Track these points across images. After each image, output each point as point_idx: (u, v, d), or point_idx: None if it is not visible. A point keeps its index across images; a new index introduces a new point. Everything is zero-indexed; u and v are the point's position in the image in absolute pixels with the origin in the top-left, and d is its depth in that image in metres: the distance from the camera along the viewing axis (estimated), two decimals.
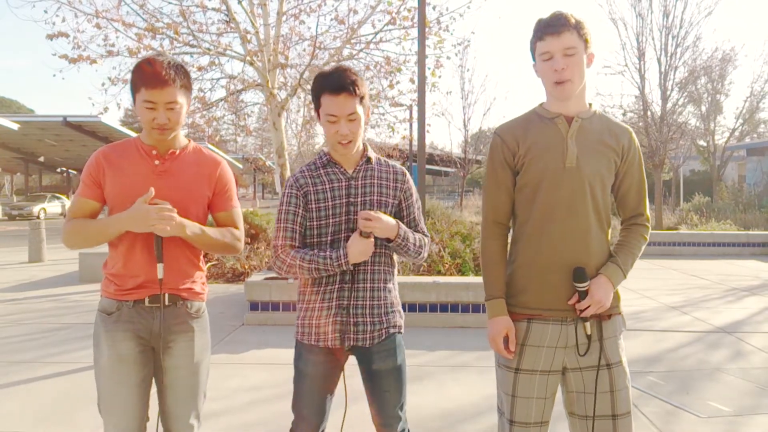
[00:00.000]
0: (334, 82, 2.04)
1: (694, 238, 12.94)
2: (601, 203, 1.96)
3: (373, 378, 2.15)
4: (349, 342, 2.11)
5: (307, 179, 2.14)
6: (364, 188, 2.14)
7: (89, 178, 2.09)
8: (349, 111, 2.05)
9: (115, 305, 2.09)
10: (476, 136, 25.82)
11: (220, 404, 3.82)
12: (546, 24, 1.91)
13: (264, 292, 6.10)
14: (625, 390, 1.96)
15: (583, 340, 1.94)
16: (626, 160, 2.00)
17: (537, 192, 1.96)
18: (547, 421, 2.00)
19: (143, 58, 2.08)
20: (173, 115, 2.04)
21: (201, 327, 2.19)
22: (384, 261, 2.17)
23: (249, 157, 28.08)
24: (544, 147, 1.96)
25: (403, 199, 2.20)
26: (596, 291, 1.90)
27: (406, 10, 8.18)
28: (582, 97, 1.99)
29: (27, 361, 4.85)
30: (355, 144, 2.11)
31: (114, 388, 2.06)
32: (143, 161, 2.10)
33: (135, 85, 2.03)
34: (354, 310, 2.11)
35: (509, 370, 2.01)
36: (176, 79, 2.01)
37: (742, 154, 31.29)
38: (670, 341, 5.46)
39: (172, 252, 2.08)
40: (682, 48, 23.02)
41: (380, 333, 2.13)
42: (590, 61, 1.95)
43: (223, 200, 2.21)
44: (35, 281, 9.07)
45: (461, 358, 4.93)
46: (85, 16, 7.49)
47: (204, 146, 2.27)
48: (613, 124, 2.03)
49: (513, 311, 2.02)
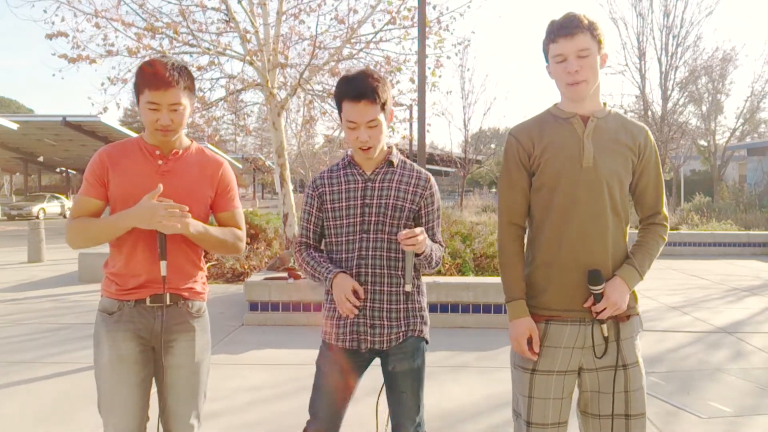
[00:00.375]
0: (354, 89, 2.03)
1: (694, 238, 12.93)
2: (619, 202, 1.95)
3: (390, 379, 2.17)
4: (366, 344, 2.11)
5: (324, 180, 2.18)
6: (381, 191, 2.12)
7: (92, 177, 2.09)
8: (368, 118, 2.04)
9: (116, 305, 2.08)
10: (476, 136, 25.81)
11: (220, 404, 3.81)
12: (559, 26, 1.90)
13: (263, 293, 6.10)
14: (641, 390, 1.95)
15: (600, 341, 1.93)
16: (643, 159, 1.99)
17: (554, 192, 1.95)
18: (564, 421, 1.98)
19: (147, 60, 2.08)
20: (176, 116, 2.04)
21: (202, 327, 2.20)
22: (402, 265, 2.14)
23: (249, 156, 28.06)
24: (560, 147, 1.95)
25: (423, 206, 2.18)
26: (612, 293, 1.89)
27: (406, 10, 8.17)
28: (596, 96, 1.99)
29: (27, 361, 4.84)
30: (375, 149, 2.10)
31: (114, 388, 2.05)
32: (146, 161, 2.10)
33: (138, 87, 2.03)
34: (371, 313, 2.10)
35: (525, 372, 1.99)
36: (180, 80, 2.02)
37: (742, 154, 31.29)
38: (671, 341, 5.45)
39: (174, 252, 2.08)
40: (682, 48, 22.99)
41: (398, 336, 2.12)
42: (603, 61, 1.95)
43: (225, 201, 2.23)
44: (35, 281, 9.07)
45: (461, 358, 4.92)
46: (84, 15, 7.49)
47: (204, 146, 2.28)
48: (629, 123, 2.02)
49: (532, 312, 2.01)
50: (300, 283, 6.07)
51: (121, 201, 2.06)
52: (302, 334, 5.71)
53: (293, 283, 6.08)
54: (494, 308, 5.95)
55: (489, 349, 5.21)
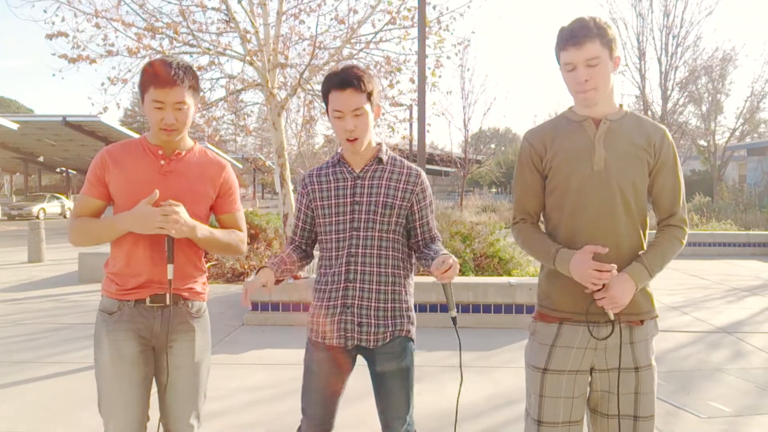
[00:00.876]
0: (340, 79, 2.06)
1: (694, 238, 12.93)
2: (633, 206, 1.93)
3: (378, 379, 2.16)
4: (352, 341, 2.11)
5: (313, 178, 2.21)
6: (371, 188, 2.12)
7: (94, 177, 2.10)
8: (354, 106, 2.04)
9: (116, 305, 2.09)
10: (476, 136, 25.80)
11: (220, 404, 3.81)
12: (568, 35, 1.88)
13: (263, 293, 6.08)
14: (651, 394, 1.95)
15: (614, 341, 1.91)
16: (659, 160, 1.96)
17: (566, 196, 1.95)
18: (576, 420, 1.98)
19: (153, 59, 2.09)
20: (181, 115, 2.05)
21: (202, 327, 2.20)
22: (392, 264, 2.14)
23: (249, 157, 28.05)
24: (571, 151, 1.95)
25: (414, 202, 2.17)
26: (613, 287, 1.85)
27: (406, 10, 8.17)
28: (610, 98, 1.97)
29: (27, 361, 4.84)
30: (361, 141, 2.09)
31: (115, 388, 2.06)
32: (149, 161, 2.11)
33: (143, 85, 2.04)
34: (359, 310, 2.10)
35: (537, 371, 1.99)
36: (185, 79, 2.03)
37: (742, 154, 31.27)
38: (671, 341, 5.45)
39: (176, 252, 2.09)
40: (682, 48, 22.99)
41: (385, 336, 2.11)
42: (616, 65, 1.92)
43: (227, 202, 2.24)
44: (35, 281, 9.07)
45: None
46: (84, 15, 7.49)
47: (205, 146, 2.28)
48: (646, 124, 1.99)
49: (545, 313, 2.01)
50: (300, 283, 6.08)
51: (123, 200, 2.07)
52: (302, 334, 5.68)
53: (293, 283, 6.09)
54: (494, 308, 5.95)
55: (489, 349, 5.22)
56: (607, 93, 1.94)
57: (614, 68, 1.92)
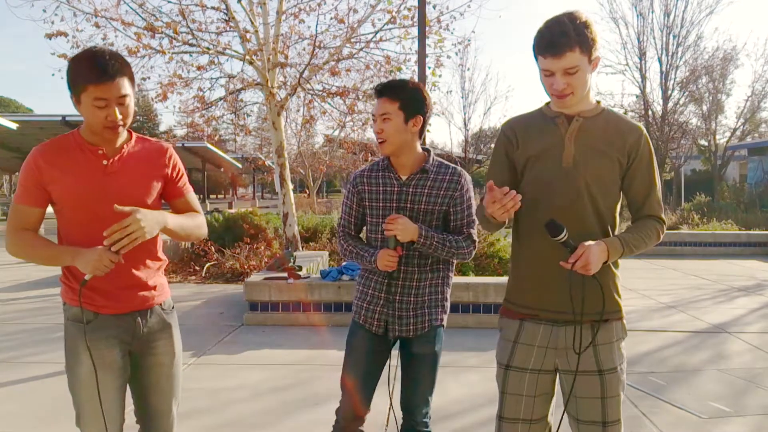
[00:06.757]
0: (378, 86, 2.33)
1: (695, 237, 12.92)
2: (602, 205, 1.91)
3: (410, 361, 2.36)
4: (393, 332, 2.34)
5: (363, 179, 2.40)
6: (414, 196, 2.33)
7: (29, 182, 1.95)
8: (381, 111, 2.29)
9: (91, 314, 1.98)
10: (476, 136, 25.79)
11: (219, 404, 3.81)
12: (547, 43, 1.81)
13: (263, 292, 6.09)
14: (617, 398, 1.94)
15: (579, 344, 1.88)
16: (633, 161, 1.92)
17: (536, 192, 1.93)
18: (537, 418, 1.99)
19: (81, 52, 1.90)
20: (125, 110, 1.89)
21: (174, 320, 2.18)
22: (430, 262, 2.34)
23: (248, 156, 28.04)
24: (542, 147, 1.94)
25: (451, 206, 2.35)
26: (585, 248, 1.76)
27: (406, 9, 8.18)
28: (586, 97, 1.94)
29: (26, 361, 4.84)
30: (389, 144, 2.29)
31: (96, 398, 1.95)
32: (88, 161, 1.95)
33: (77, 84, 1.84)
34: (399, 305, 2.33)
35: (501, 367, 2.04)
36: (123, 69, 1.86)
37: (743, 154, 31.24)
38: (671, 341, 5.44)
39: (134, 270, 2.01)
40: (683, 47, 22.96)
41: (423, 326, 2.34)
42: (594, 66, 1.87)
43: (177, 187, 2.14)
44: (32, 281, 9.06)
45: (461, 358, 4.91)
46: (84, 15, 7.48)
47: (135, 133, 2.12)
48: (622, 123, 1.95)
49: (509, 309, 2.03)
50: (300, 283, 6.07)
51: (68, 204, 1.96)
52: (302, 334, 5.70)
53: (293, 283, 6.08)
54: (494, 308, 5.93)
55: (489, 349, 5.20)
56: (584, 93, 1.91)
57: (593, 69, 1.88)
